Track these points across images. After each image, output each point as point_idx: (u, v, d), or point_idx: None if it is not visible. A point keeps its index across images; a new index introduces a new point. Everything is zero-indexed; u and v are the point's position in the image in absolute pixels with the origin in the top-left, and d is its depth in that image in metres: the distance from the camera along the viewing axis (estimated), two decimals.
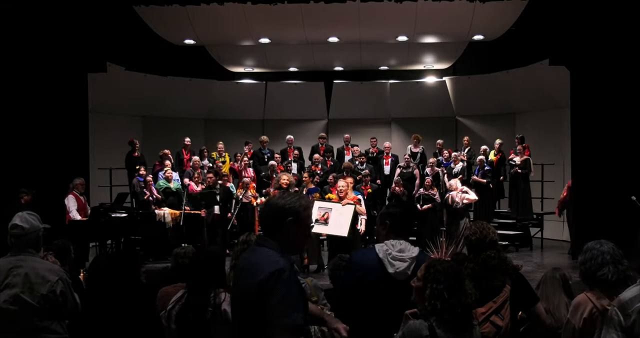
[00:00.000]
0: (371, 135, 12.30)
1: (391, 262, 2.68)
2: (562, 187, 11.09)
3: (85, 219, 8.45)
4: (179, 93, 12.90)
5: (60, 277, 3.09)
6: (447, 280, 2.25)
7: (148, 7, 9.74)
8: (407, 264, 2.67)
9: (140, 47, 11.59)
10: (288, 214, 2.15)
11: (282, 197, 2.20)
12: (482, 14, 10.30)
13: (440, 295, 2.21)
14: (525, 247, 10.56)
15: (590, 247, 2.86)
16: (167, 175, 10.02)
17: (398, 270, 2.66)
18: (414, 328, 2.23)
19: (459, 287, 2.25)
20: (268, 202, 2.26)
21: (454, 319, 2.19)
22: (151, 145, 12.02)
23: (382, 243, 2.77)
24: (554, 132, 11.58)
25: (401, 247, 2.73)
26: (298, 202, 2.18)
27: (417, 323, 2.25)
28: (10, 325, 2.97)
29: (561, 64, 9.67)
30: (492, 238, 2.97)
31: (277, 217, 2.16)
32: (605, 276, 2.71)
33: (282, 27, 11.11)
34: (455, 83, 13.56)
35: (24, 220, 3.09)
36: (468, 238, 3.02)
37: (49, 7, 8.55)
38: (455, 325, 2.19)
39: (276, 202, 2.19)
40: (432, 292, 2.24)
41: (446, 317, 2.19)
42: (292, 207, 2.16)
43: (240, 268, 2.24)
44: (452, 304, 2.19)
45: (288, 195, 2.23)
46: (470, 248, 3.01)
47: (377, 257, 2.71)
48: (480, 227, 3.01)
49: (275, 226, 2.16)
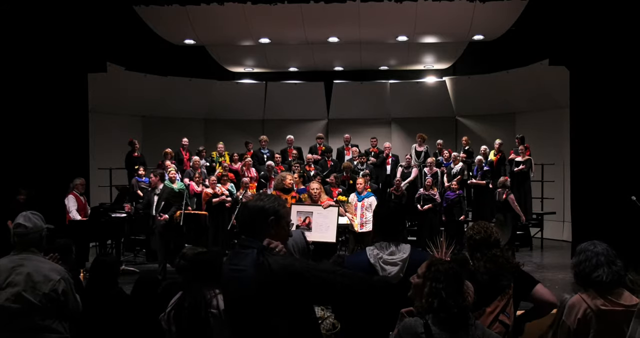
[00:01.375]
0: (371, 135, 12.30)
1: (383, 266, 2.68)
2: (562, 187, 11.12)
3: (86, 219, 8.45)
4: (179, 93, 12.91)
5: (63, 276, 3.09)
6: (446, 280, 2.26)
7: (148, 7, 9.75)
8: (399, 267, 2.68)
9: (140, 47, 11.59)
10: (269, 214, 2.26)
11: (260, 199, 2.32)
12: (482, 14, 10.31)
13: (438, 294, 2.23)
14: (525, 247, 10.57)
15: (584, 248, 2.85)
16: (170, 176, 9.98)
17: (390, 275, 2.66)
18: (409, 326, 2.24)
19: (458, 288, 2.26)
20: (247, 205, 2.36)
21: (450, 318, 2.20)
22: (151, 145, 12.03)
23: (373, 247, 2.77)
24: (554, 132, 11.59)
25: (392, 250, 2.72)
26: (276, 202, 2.31)
27: (412, 320, 2.26)
28: (12, 323, 2.97)
29: (561, 64, 9.68)
30: (495, 237, 2.97)
31: (260, 218, 2.26)
32: (599, 277, 2.72)
33: (282, 27, 11.11)
34: (455, 83, 13.57)
35: (27, 219, 3.09)
36: (472, 237, 2.99)
37: (49, 7, 8.55)
38: (451, 324, 2.20)
39: (255, 204, 2.29)
40: (431, 290, 2.26)
41: (442, 316, 2.20)
42: (271, 206, 2.28)
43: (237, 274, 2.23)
44: (449, 304, 2.20)
45: (265, 196, 2.36)
46: (474, 247, 2.99)
47: (368, 261, 2.71)
48: (484, 227, 3.01)
49: (259, 227, 2.26)
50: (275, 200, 2.32)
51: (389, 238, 2.77)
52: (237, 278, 2.17)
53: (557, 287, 7.36)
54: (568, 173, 10.27)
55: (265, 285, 2.09)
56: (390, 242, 2.75)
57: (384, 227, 2.82)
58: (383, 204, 2.99)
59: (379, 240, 2.79)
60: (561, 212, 11.39)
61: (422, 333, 2.18)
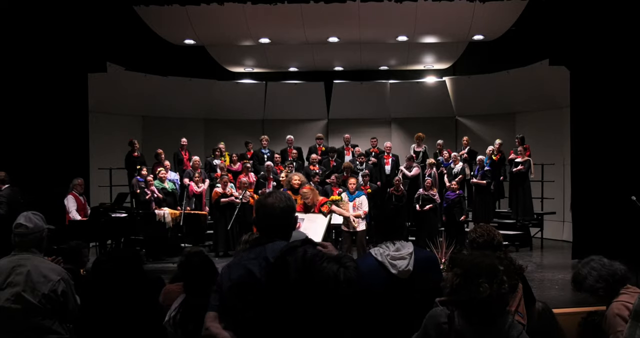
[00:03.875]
0: (371, 135, 12.30)
1: (392, 262, 2.68)
2: (562, 187, 11.12)
3: (85, 219, 8.45)
4: (179, 93, 12.90)
5: (62, 277, 3.08)
6: (462, 274, 2.22)
7: (148, 7, 9.76)
8: (407, 261, 2.68)
9: (140, 47, 11.58)
10: (294, 211, 2.30)
11: (280, 200, 2.28)
12: (482, 14, 10.31)
13: (461, 286, 2.20)
14: (525, 247, 10.56)
15: (586, 263, 2.96)
16: (160, 175, 10.02)
17: (401, 269, 2.66)
18: (433, 314, 2.24)
19: (472, 283, 2.21)
20: (274, 205, 2.27)
21: (474, 311, 2.16)
22: (151, 145, 12.02)
23: (377, 247, 2.77)
24: (554, 132, 11.59)
25: (397, 246, 2.74)
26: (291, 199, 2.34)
27: (438, 309, 2.25)
28: (12, 324, 2.96)
29: (561, 64, 9.68)
30: (499, 240, 2.94)
31: (290, 217, 2.29)
32: (621, 272, 2.81)
33: (282, 27, 11.11)
34: (455, 83, 13.57)
35: (28, 219, 3.09)
36: (475, 240, 2.94)
37: (49, 7, 8.55)
38: (477, 316, 2.15)
39: (285, 205, 2.27)
40: (452, 282, 2.22)
41: (466, 308, 2.16)
42: (293, 204, 2.31)
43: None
44: (471, 297, 2.17)
45: (279, 194, 2.33)
46: (477, 250, 2.98)
47: (376, 262, 2.70)
48: (487, 230, 2.97)
49: (291, 226, 2.29)
50: (290, 198, 2.34)
51: (391, 238, 2.78)
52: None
53: (557, 287, 7.36)
54: (568, 173, 10.27)
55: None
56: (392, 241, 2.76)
57: (385, 228, 2.83)
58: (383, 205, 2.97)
59: (381, 241, 2.79)
60: (561, 212, 11.38)
61: (444, 323, 2.17)
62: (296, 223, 2.32)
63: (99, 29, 9.50)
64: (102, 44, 9.90)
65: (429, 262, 2.77)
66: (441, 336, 2.18)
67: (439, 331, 2.19)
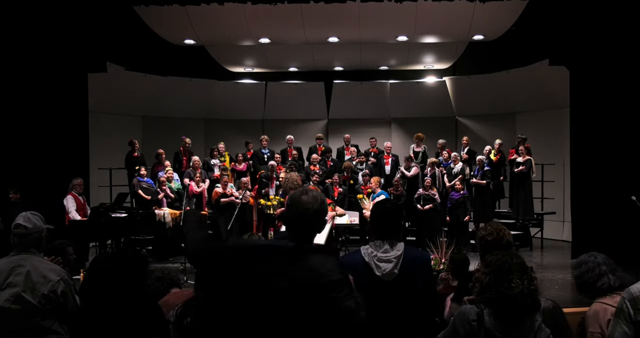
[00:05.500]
0: (371, 135, 12.30)
1: (377, 264, 2.68)
2: (562, 187, 11.11)
3: (85, 219, 8.45)
4: (179, 93, 12.91)
5: (62, 277, 3.08)
6: (493, 271, 2.23)
7: (148, 7, 9.76)
8: (394, 264, 2.67)
9: (140, 47, 11.59)
10: (326, 213, 2.21)
11: (315, 200, 2.16)
12: (482, 14, 10.30)
13: (489, 285, 2.20)
14: (525, 247, 10.56)
15: (584, 260, 2.91)
16: (168, 175, 10.09)
17: (385, 272, 2.66)
18: (463, 312, 2.26)
19: (504, 279, 2.20)
20: (309, 207, 2.15)
21: (505, 308, 2.16)
22: (151, 145, 12.02)
23: (368, 246, 2.77)
24: (554, 132, 11.59)
25: (386, 248, 2.72)
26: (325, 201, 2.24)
27: (468, 307, 2.27)
28: (12, 324, 2.96)
29: (561, 64, 9.69)
30: (508, 239, 2.91)
31: (322, 221, 2.20)
32: (606, 284, 2.78)
33: (282, 27, 11.11)
34: (455, 83, 13.57)
35: (27, 220, 3.08)
36: (484, 238, 2.91)
37: (49, 7, 8.55)
38: (506, 315, 2.16)
39: (320, 207, 2.17)
40: (482, 281, 2.24)
41: (496, 305, 2.17)
42: (326, 207, 2.22)
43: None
44: (501, 293, 2.17)
45: (314, 194, 2.20)
46: (486, 248, 2.94)
47: (363, 260, 2.71)
48: (497, 228, 2.94)
49: (319, 229, 2.19)
50: (324, 200, 2.23)
51: (384, 237, 2.76)
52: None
53: (557, 287, 7.37)
54: (568, 174, 10.27)
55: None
56: (384, 240, 2.74)
57: (379, 226, 2.81)
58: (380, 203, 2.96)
59: (374, 238, 2.78)
60: (561, 212, 11.38)
61: (473, 320, 2.18)
62: (324, 225, 2.21)
63: (99, 29, 9.51)
64: (102, 44, 9.91)
65: (418, 263, 2.75)
66: (470, 334, 2.19)
67: (468, 329, 2.20)
